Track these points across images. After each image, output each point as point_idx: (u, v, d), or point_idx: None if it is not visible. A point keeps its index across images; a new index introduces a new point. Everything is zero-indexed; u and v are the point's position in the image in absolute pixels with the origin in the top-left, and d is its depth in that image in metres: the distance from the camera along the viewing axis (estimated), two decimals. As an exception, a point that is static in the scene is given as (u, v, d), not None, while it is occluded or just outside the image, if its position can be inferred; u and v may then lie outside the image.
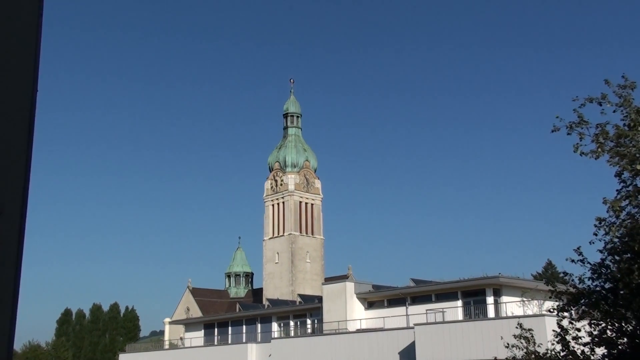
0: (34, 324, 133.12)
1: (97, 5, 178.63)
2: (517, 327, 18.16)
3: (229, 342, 67.28)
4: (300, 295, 76.07)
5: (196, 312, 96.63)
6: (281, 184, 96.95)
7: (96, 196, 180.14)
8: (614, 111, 14.61)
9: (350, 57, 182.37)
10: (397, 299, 55.51)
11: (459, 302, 50.97)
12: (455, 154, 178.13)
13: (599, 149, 14.27)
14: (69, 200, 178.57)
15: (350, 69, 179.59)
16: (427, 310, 51.57)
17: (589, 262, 15.34)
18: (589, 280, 15.41)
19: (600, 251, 15.08)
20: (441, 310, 50.79)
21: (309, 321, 62.89)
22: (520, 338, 17.90)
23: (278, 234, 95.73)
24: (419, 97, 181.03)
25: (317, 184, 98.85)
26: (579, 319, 15.89)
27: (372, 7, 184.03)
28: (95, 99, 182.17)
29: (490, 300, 49.51)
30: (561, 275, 16.78)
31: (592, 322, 15.17)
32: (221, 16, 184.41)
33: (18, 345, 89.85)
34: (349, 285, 58.05)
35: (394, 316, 53.72)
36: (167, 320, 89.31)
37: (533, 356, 17.32)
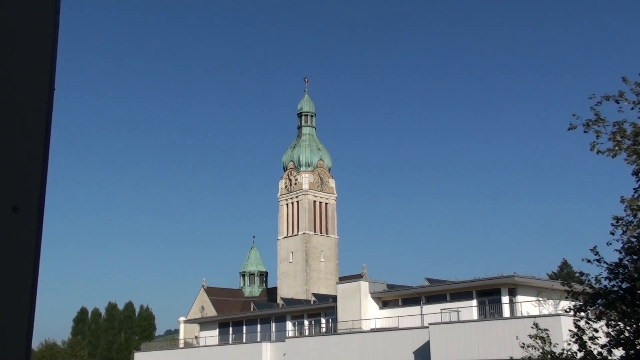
0: (51, 323, 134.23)
1: (106, 5, 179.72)
2: (532, 327, 18.06)
3: (244, 341, 67.42)
4: (315, 295, 76.07)
5: (211, 311, 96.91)
6: (295, 183, 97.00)
7: (112, 196, 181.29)
8: (632, 109, 14.46)
9: (365, 55, 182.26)
10: (411, 299, 55.38)
11: (474, 302, 50.78)
12: (471, 153, 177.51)
13: (616, 147, 14.12)
14: (85, 199, 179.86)
15: (365, 68, 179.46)
16: (441, 309, 51.38)
17: (605, 262, 15.19)
18: (605, 280, 15.26)
19: (618, 251, 14.93)
20: (456, 309, 50.59)
21: (323, 320, 62.88)
22: (536, 338, 17.80)
23: (292, 233, 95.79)
24: (436, 97, 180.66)
25: (331, 183, 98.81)
26: (596, 320, 15.74)
27: (388, 5, 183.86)
28: (111, 100, 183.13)
29: (505, 299, 49.27)
30: (577, 275, 16.63)
31: (610, 322, 15.02)
32: (235, 15, 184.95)
33: (35, 343, 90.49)
34: (364, 285, 57.97)
35: (408, 316, 53.58)
36: (182, 319, 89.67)
37: (549, 356, 17.21)
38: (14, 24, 1.96)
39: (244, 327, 70.60)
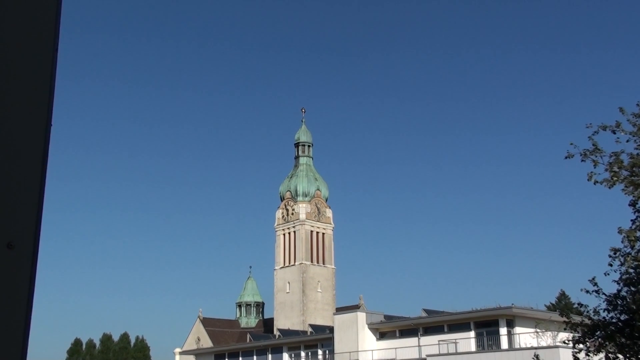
0: (44, 355, 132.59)
1: (107, 13, 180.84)
2: (533, 359, 17.89)
3: (240, 372, 66.80)
4: (312, 326, 75.59)
5: (207, 342, 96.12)
6: (292, 213, 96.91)
7: (106, 227, 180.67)
8: (628, 140, 14.54)
9: (363, 86, 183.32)
10: (409, 330, 55.05)
11: (472, 333, 50.50)
12: (468, 187, 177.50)
13: (614, 178, 14.17)
14: (78, 230, 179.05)
15: (363, 99, 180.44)
16: (439, 341, 51.06)
17: (604, 293, 15.14)
18: (604, 311, 15.20)
19: (616, 282, 14.89)
20: (454, 341, 50.28)
21: (320, 352, 62.38)
22: (535, 370, 17.62)
23: (289, 263, 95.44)
24: (432, 132, 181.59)
25: (329, 213, 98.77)
26: (595, 352, 15.63)
27: (385, 34, 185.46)
28: (99, 136, 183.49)
29: (503, 331, 49.01)
30: (576, 306, 16.57)
31: (609, 355, 14.92)
32: (232, 45, 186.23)
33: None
34: (361, 316, 57.67)
35: (406, 347, 53.21)
36: (178, 350, 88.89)
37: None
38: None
39: (240, 358, 69.99)
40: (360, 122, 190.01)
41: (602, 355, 15.35)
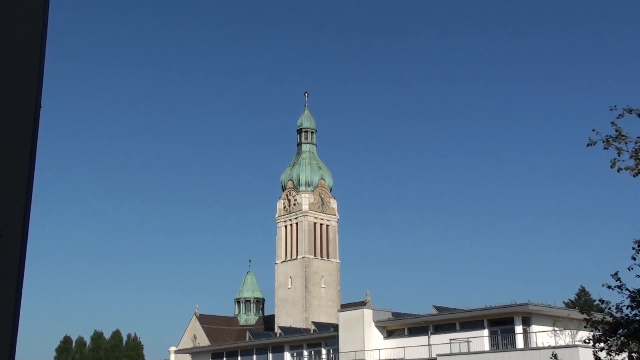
0: (31, 353, 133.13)
1: (102, 6, 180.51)
2: (551, 359, 17.91)
3: (239, 372, 67.06)
4: (315, 323, 75.76)
5: (203, 341, 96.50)
6: (294, 204, 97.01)
7: (98, 217, 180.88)
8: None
9: (370, 68, 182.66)
10: (418, 328, 55.15)
11: (485, 332, 50.56)
12: (481, 177, 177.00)
13: (638, 165, 14.11)
14: (70, 222, 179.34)
15: (370, 82, 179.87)
16: (450, 339, 51.15)
17: (627, 289, 15.11)
18: (627, 308, 15.18)
19: (640, 277, 14.86)
20: (466, 340, 50.36)
21: (324, 351, 62.57)
22: (553, 371, 17.64)
23: (291, 257, 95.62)
24: (443, 113, 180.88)
25: (333, 203, 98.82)
26: (617, 351, 15.63)
27: (392, 16, 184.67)
28: (90, 122, 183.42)
29: (519, 329, 49.06)
30: (597, 303, 16.59)
31: (632, 354, 14.92)
32: (231, 26, 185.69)
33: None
34: (367, 313, 57.76)
35: (415, 346, 53.32)
36: (173, 349, 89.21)
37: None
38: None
39: (239, 357, 70.23)
40: (367, 107, 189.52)
41: (624, 355, 15.35)
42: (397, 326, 57.11)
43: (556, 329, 45.91)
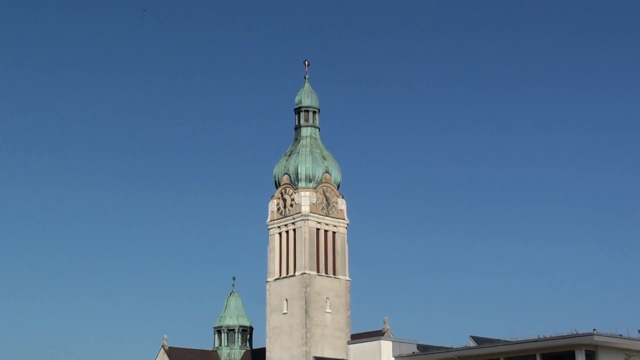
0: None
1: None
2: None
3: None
4: (317, 359, 75.84)
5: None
6: (292, 205, 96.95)
7: (48, 234, 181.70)
8: None
9: (382, 36, 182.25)
10: (452, 365, 55.33)
11: (539, 369, 50.74)
12: (531, 183, 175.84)
13: None
14: (22, 239, 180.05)
15: (383, 51, 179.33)
16: (493, 379, 51.27)
17: None
18: None
19: None
20: (513, 380, 50.47)
21: (329, 394, 62.78)
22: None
23: (287, 273, 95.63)
24: (481, 87, 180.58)
25: (341, 204, 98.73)
26: None
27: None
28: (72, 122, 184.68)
29: (581, 366, 49.19)
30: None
31: None
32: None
33: None
34: (385, 345, 57.92)
35: (447, 388, 53.47)
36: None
37: None
38: None
39: (220, 403, 70.41)
40: (386, 78, 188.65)
41: None
42: (424, 362, 57.29)
43: (630, 365, 46.09)
